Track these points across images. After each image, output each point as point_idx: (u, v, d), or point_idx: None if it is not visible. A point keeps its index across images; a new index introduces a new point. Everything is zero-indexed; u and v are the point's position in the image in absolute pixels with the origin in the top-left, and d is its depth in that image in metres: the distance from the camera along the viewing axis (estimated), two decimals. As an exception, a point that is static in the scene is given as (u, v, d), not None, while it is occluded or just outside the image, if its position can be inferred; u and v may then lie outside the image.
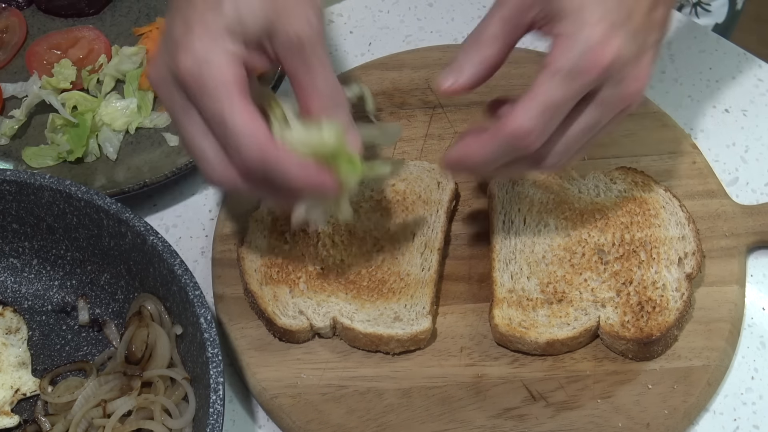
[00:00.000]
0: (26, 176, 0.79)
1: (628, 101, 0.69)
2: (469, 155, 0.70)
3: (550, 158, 0.71)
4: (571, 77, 0.66)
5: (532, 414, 0.77)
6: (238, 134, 0.66)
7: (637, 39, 0.67)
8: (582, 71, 0.66)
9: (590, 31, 0.65)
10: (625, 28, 0.66)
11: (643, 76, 0.68)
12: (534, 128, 0.67)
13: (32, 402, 0.79)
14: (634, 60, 0.67)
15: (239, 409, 0.81)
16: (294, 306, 0.81)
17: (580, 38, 0.66)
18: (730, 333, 0.81)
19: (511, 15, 0.70)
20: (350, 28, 1.04)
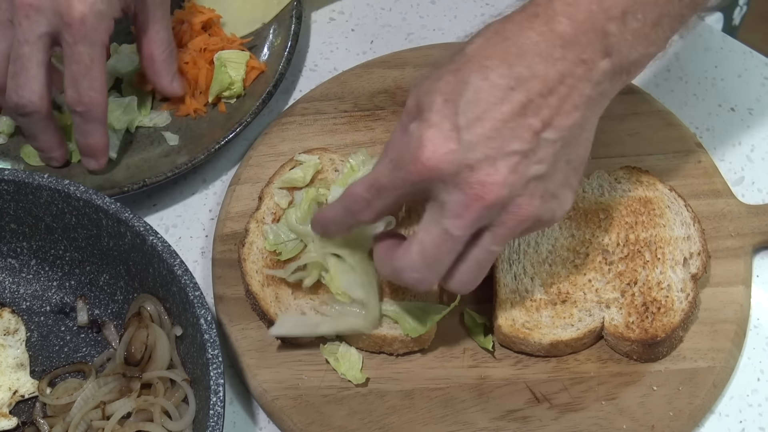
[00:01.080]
0: (24, 175, 0.79)
1: (472, 207, 0.65)
2: (323, 216, 0.76)
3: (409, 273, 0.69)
4: (396, 168, 0.67)
5: (535, 416, 0.77)
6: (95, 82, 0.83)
7: (482, 146, 0.64)
8: (405, 167, 0.66)
9: (424, 131, 0.65)
10: (464, 133, 0.64)
11: (485, 183, 0.64)
12: (363, 197, 0.70)
13: (30, 404, 0.79)
14: (473, 166, 0.64)
15: (240, 411, 0.81)
16: (296, 307, 0.80)
17: (413, 136, 0.65)
18: (736, 334, 0.80)
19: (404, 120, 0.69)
20: (352, 26, 1.03)
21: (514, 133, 0.64)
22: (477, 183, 0.64)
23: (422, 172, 0.65)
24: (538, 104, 0.64)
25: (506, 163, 0.65)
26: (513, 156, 0.65)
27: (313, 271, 0.80)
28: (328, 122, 0.93)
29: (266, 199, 0.86)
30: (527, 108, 0.64)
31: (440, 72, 0.67)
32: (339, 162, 0.88)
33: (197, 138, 0.93)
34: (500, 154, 0.64)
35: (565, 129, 0.65)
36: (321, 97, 0.94)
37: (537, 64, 0.64)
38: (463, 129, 0.64)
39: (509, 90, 0.64)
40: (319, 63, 1.01)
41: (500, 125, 0.64)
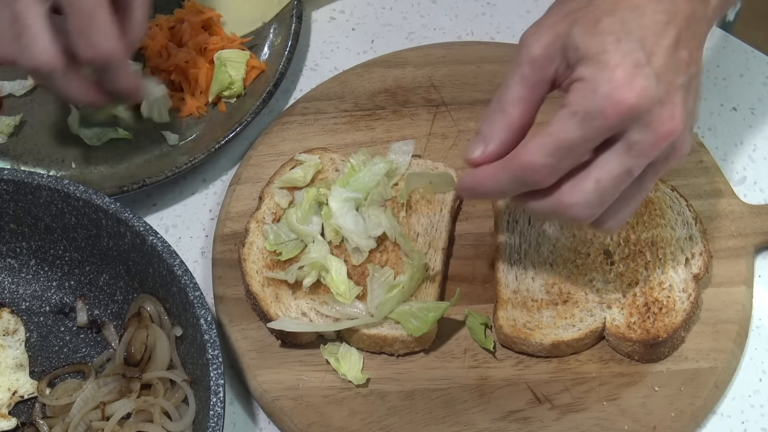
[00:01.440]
0: (23, 175, 0.79)
1: (659, 144, 0.65)
2: (481, 183, 0.70)
3: (581, 209, 0.68)
4: (590, 118, 0.65)
5: (536, 416, 0.77)
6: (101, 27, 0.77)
7: (663, 80, 0.65)
8: (602, 113, 0.64)
9: (611, 73, 0.64)
10: (647, 68, 0.64)
11: (674, 117, 0.65)
12: (545, 164, 0.66)
13: (30, 404, 0.79)
14: (661, 101, 0.65)
15: (240, 412, 0.80)
16: (296, 308, 0.80)
17: (600, 80, 0.64)
18: (738, 334, 0.80)
19: (532, 72, 0.68)
20: (352, 25, 1.03)
21: (677, 67, 0.66)
22: (668, 118, 0.65)
23: (623, 112, 0.64)
24: (685, 38, 0.66)
25: (679, 96, 0.66)
26: (680, 89, 0.66)
27: (313, 271, 0.80)
28: (328, 122, 0.93)
29: (266, 199, 0.86)
30: (679, 41, 0.66)
31: (587, 16, 0.66)
32: (340, 162, 0.88)
33: (197, 137, 0.93)
34: (674, 87, 0.66)
35: (698, 61, 0.68)
36: (321, 96, 0.94)
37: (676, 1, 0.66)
38: (646, 65, 0.64)
39: (665, 24, 0.66)
40: (319, 62, 1.00)
41: (668, 59, 0.65)
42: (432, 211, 0.85)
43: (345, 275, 0.80)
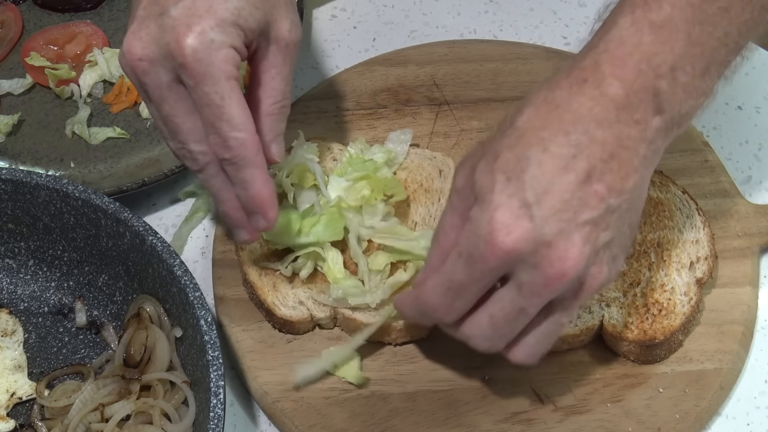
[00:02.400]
0: (22, 175, 0.79)
1: (550, 286, 0.63)
2: (403, 312, 0.74)
3: (479, 341, 0.68)
4: (472, 261, 0.64)
5: (540, 418, 0.76)
6: (231, 125, 0.70)
7: (555, 219, 0.62)
8: (481, 256, 0.63)
9: (492, 214, 0.63)
10: (534, 209, 0.62)
11: (565, 258, 0.62)
12: (440, 303, 0.68)
13: (28, 406, 0.79)
14: (549, 243, 0.62)
15: (240, 413, 0.80)
16: (294, 296, 0.80)
17: (481, 222, 0.63)
18: (743, 335, 0.80)
19: (459, 201, 0.67)
20: (354, 23, 1.03)
21: (583, 203, 0.63)
22: (557, 259, 0.62)
23: (501, 256, 0.63)
24: (601, 170, 0.63)
25: (580, 234, 0.63)
26: (585, 226, 0.63)
27: (308, 263, 0.80)
28: (329, 121, 0.92)
29: None
30: (591, 175, 0.63)
31: (494, 149, 0.65)
32: (337, 151, 0.88)
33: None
34: (573, 226, 0.63)
35: (627, 192, 0.64)
36: (322, 95, 0.94)
37: (594, 129, 0.63)
38: (534, 205, 0.62)
39: (572, 159, 0.63)
40: (320, 61, 1.00)
41: (569, 196, 0.63)
42: (430, 201, 0.85)
43: (341, 264, 0.80)
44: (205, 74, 0.69)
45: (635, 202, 0.66)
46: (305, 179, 0.84)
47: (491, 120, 0.92)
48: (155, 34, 0.70)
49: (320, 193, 0.83)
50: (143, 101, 0.77)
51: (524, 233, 0.62)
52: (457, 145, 0.90)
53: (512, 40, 0.99)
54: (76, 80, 0.97)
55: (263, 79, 0.75)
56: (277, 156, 0.77)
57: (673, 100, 0.64)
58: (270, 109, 0.76)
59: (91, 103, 0.96)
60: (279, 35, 0.73)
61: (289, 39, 0.74)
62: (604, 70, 0.64)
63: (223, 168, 0.73)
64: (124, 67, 0.72)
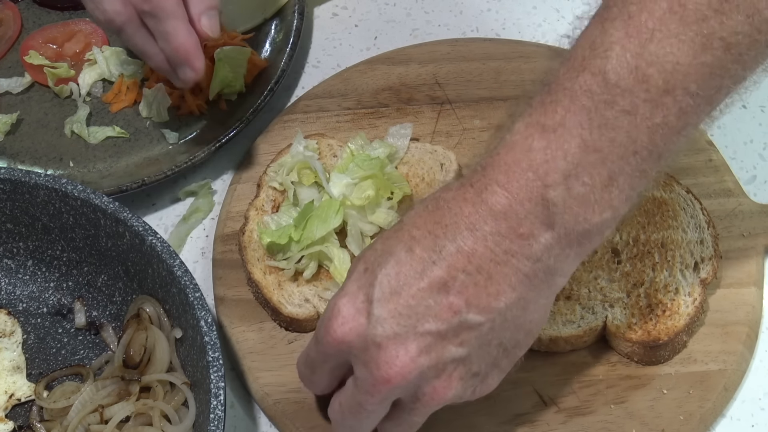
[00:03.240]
0: (20, 174, 0.78)
1: (378, 387, 0.61)
2: None
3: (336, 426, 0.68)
4: (317, 341, 0.65)
5: (543, 420, 0.76)
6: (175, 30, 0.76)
7: (392, 323, 0.60)
8: (320, 338, 0.64)
9: (336, 301, 0.62)
10: (375, 308, 0.60)
11: (392, 364, 0.59)
12: (302, 372, 0.70)
13: (27, 407, 0.78)
14: (380, 345, 0.60)
15: (241, 415, 0.80)
16: (299, 294, 0.80)
17: (330, 306, 0.63)
18: (748, 336, 0.79)
19: None
20: (355, 21, 1.02)
21: (430, 312, 0.59)
22: (383, 363, 0.60)
23: (332, 343, 0.62)
24: (462, 282, 0.59)
25: (417, 343, 0.60)
26: (426, 336, 0.60)
27: (312, 263, 0.80)
28: (330, 120, 0.92)
29: (265, 186, 0.86)
30: (449, 285, 0.59)
31: (379, 238, 0.64)
32: (337, 147, 0.87)
33: (197, 136, 0.92)
34: (412, 333, 0.60)
35: (494, 311, 0.60)
36: (324, 94, 0.94)
37: (465, 238, 0.59)
38: (375, 303, 0.60)
39: (431, 264, 0.59)
40: (321, 59, 1.00)
41: (414, 302, 0.59)
42: None
43: (348, 263, 0.80)
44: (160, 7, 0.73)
45: (514, 321, 0.61)
46: (306, 176, 0.83)
47: (493, 119, 0.91)
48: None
49: (321, 190, 0.83)
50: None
51: (356, 328, 0.61)
52: (459, 144, 0.90)
53: (515, 38, 0.99)
54: (75, 79, 0.96)
55: None
56: (209, 29, 0.79)
57: (567, 213, 0.58)
58: None
59: (91, 102, 0.96)
60: None
61: None
62: (489, 175, 0.59)
63: (144, 23, 0.76)
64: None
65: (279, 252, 0.81)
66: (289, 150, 0.87)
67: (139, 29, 0.77)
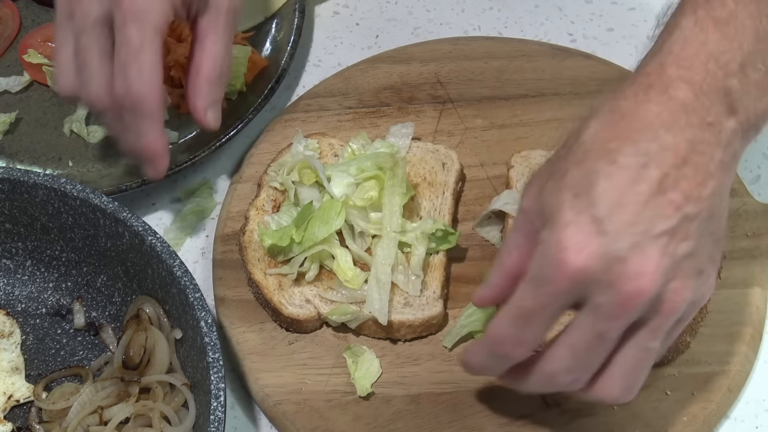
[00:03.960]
0: (19, 174, 0.78)
1: (628, 306, 0.60)
2: (471, 361, 0.70)
3: (562, 376, 0.65)
4: (542, 284, 0.62)
5: (546, 421, 0.76)
6: (143, 69, 0.74)
7: (629, 233, 0.59)
8: (551, 278, 0.61)
9: (560, 234, 0.60)
10: (606, 224, 0.59)
11: (641, 274, 0.59)
12: (508, 335, 0.65)
13: (26, 409, 0.78)
14: (623, 258, 0.59)
15: (241, 416, 0.79)
16: (300, 294, 0.80)
17: (550, 243, 0.61)
18: (752, 337, 0.79)
19: (524, 222, 0.65)
20: (356, 19, 1.02)
21: (657, 213, 0.60)
22: (633, 275, 0.60)
23: (573, 276, 0.60)
24: (674, 177, 0.60)
25: (656, 247, 0.60)
26: (661, 237, 0.60)
27: (313, 265, 0.80)
28: (331, 119, 0.92)
29: (265, 186, 0.85)
30: (664, 183, 0.60)
31: (561, 167, 0.63)
32: (339, 147, 0.87)
33: (197, 135, 0.92)
34: (648, 238, 0.60)
35: (705, 199, 0.61)
36: (325, 93, 0.93)
37: (664, 135, 0.61)
38: (604, 220, 0.60)
39: (642, 168, 0.60)
40: (322, 58, 0.99)
41: (641, 207, 0.60)
42: (434, 194, 0.85)
43: (351, 262, 0.79)
44: (136, 15, 0.72)
45: (716, 209, 0.62)
46: (306, 176, 0.83)
47: (496, 118, 0.91)
48: None
49: (322, 189, 0.83)
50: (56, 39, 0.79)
51: (596, 250, 0.59)
52: (461, 144, 0.90)
53: (517, 37, 0.98)
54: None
55: (204, 43, 0.78)
56: (213, 122, 0.80)
57: (746, 99, 0.62)
58: (209, 73, 0.78)
59: (90, 100, 0.96)
60: (220, 1, 0.77)
61: (229, 5, 0.77)
62: (669, 73, 0.61)
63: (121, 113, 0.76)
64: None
65: (280, 253, 0.81)
66: (289, 149, 0.87)
67: (117, 118, 0.77)
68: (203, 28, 0.78)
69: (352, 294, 0.79)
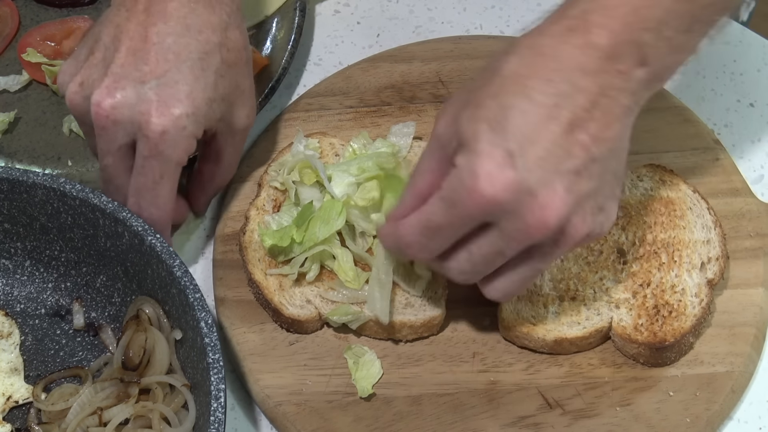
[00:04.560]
0: (18, 173, 0.78)
1: (531, 233, 0.65)
2: (384, 240, 0.75)
3: (455, 273, 0.70)
4: (449, 206, 0.66)
5: (548, 422, 0.75)
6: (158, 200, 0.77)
7: (539, 168, 0.63)
8: (463, 203, 0.65)
9: (476, 163, 0.63)
10: (518, 159, 0.63)
11: (547, 207, 0.64)
12: (416, 242, 0.69)
13: (25, 410, 0.78)
14: (532, 191, 0.63)
15: (241, 417, 0.79)
16: (301, 295, 0.80)
17: (465, 170, 0.64)
18: (755, 338, 0.78)
19: (437, 147, 0.69)
20: (357, 18, 1.02)
21: (566, 151, 0.64)
22: (538, 208, 0.64)
23: (482, 204, 0.64)
24: (584, 119, 0.64)
25: (563, 183, 0.64)
26: (568, 175, 0.64)
27: (314, 265, 0.80)
28: (332, 118, 0.91)
29: (266, 186, 0.85)
30: (575, 124, 0.64)
31: (476, 98, 0.66)
32: (339, 146, 0.87)
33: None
34: (556, 175, 0.64)
35: (609, 141, 0.65)
36: (325, 92, 0.93)
37: (578, 78, 0.64)
38: (517, 154, 0.63)
39: (555, 108, 0.63)
40: (323, 57, 0.99)
41: (552, 145, 0.63)
42: None
43: (352, 262, 0.79)
44: (163, 154, 0.75)
45: (617, 150, 0.67)
46: (307, 176, 0.83)
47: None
48: (131, 100, 0.75)
49: (323, 189, 0.82)
50: (84, 133, 0.81)
51: (507, 182, 0.63)
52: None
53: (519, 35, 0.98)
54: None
55: (221, 155, 0.82)
56: (202, 212, 0.87)
57: (657, 53, 0.65)
58: (220, 184, 0.85)
59: (90, 100, 0.95)
60: (237, 122, 0.81)
61: (245, 125, 0.81)
62: (592, 20, 0.64)
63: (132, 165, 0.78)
64: (84, 113, 0.77)
65: (281, 254, 0.80)
66: (290, 149, 0.87)
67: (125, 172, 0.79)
68: (221, 144, 0.81)
69: (353, 294, 0.79)
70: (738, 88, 0.94)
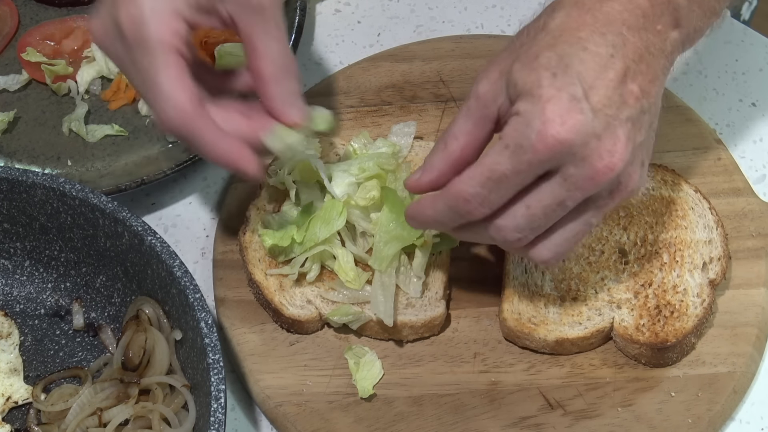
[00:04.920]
0: (18, 173, 0.78)
1: (597, 179, 0.65)
2: (421, 212, 0.73)
3: (510, 232, 0.69)
4: (521, 152, 0.65)
5: (549, 423, 0.75)
6: (162, 96, 0.69)
7: (602, 113, 0.64)
8: (532, 147, 0.64)
9: (543, 107, 0.64)
10: (584, 102, 0.64)
11: (614, 152, 0.65)
12: (475, 194, 0.67)
13: (24, 410, 0.78)
14: (599, 135, 0.64)
15: (241, 418, 0.79)
16: (301, 295, 0.80)
17: (533, 114, 0.64)
18: (757, 338, 0.78)
19: (476, 108, 0.69)
20: (358, 17, 1.02)
21: (623, 100, 0.65)
22: (606, 152, 0.65)
23: (553, 146, 0.64)
24: (634, 71, 0.66)
25: (623, 130, 0.65)
26: (627, 123, 0.65)
27: (314, 265, 0.80)
28: (333, 118, 0.91)
29: (266, 186, 0.85)
30: (627, 74, 0.65)
31: (529, 51, 0.66)
32: (340, 146, 0.87)
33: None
34: (617, 121, 0.65)
35: (653, 96, 0.67)
36: (326, 91, 0.93)
37: (625, 32, 0.66)
38: (582, 98, 0.64)
39: (609, 58, 0.65)
40: (324, 56, 0.99)
41: (611, 92, 0.65)
42: None
43: (352, 262, 0.79)
44: (138, 42, 0.68)
45: (657, 108, 0.69)
46: (307, 176, 0.83)
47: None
48: (109, 9, 0.70)
49: (324, 189, 0.82)
50: None
51: (577, 124, 0.64)
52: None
53: (520, 35, 0.98)
54: (74, 76, 0.96)
55: (253, 45, 0.71)
56: (297, 118, 0.73)
57: (690, 15, 0.68)
58: (271, 74, 0.72)
59: (89, 99, 0.95)
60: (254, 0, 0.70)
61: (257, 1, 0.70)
62: None
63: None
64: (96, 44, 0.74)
65: (281, 254, 0.80)
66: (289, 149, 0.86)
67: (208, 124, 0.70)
68: (246, 32, 0.71)
69: (353, 295, 0.79)
70: (740, 87, 0.94)
